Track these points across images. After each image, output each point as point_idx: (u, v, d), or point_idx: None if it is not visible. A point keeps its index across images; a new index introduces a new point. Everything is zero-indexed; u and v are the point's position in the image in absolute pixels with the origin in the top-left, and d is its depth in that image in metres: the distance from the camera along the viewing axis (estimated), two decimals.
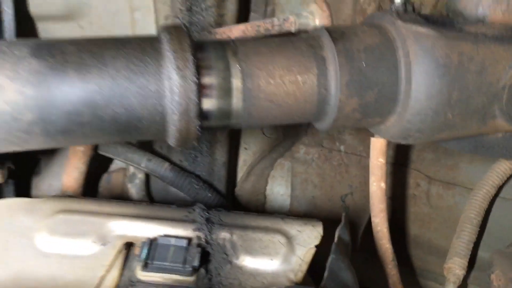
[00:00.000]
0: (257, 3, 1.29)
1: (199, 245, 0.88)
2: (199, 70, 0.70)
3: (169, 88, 0.68)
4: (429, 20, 0.82)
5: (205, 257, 0.88)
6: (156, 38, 0.72)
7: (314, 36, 0.79)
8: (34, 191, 1.20)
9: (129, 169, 1.19)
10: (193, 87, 0.68)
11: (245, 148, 1.35)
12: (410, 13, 0.79)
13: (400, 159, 1.37)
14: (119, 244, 0.88)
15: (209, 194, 1.16)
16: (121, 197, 1.20)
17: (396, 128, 0.80)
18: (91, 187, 1.21)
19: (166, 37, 0.70)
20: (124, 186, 1.22)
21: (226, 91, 0.72)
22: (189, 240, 0.88)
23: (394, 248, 1.15)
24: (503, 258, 0.91)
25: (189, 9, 1.13)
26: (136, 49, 0.70)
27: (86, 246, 0.87)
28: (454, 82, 0.75)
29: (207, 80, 0.72)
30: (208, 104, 0.72)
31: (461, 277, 1.22)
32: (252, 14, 1.29)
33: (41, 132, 0.67)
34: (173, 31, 0.72)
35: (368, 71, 0.75)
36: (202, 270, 0.87)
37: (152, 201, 1.19)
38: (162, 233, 0.90)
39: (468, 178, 1.42)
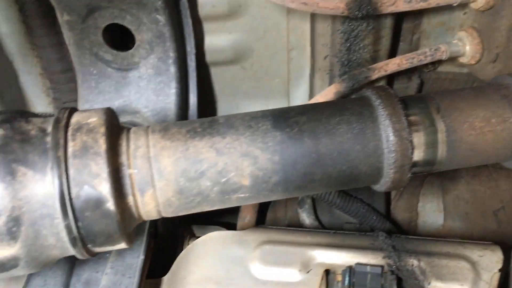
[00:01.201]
0: (404, 32, 1.36)
1: (392, 272, 0.98)
2: (411, 128, 0.80)
3: (387, 147, 0.78)
4: None
5: (398, 283, 0.98)
6: (367, 101, 0.83)
7: (504, 85, 0.86)
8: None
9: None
10: (408, 146, 0.78)
11: None
12: None
13: None
14: (320, 271, 1.01)
15: (374, 217, 1.26)
16: (295, 221, 1.33)
17: None
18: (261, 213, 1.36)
19: (377, 101, 0.81)
20: (288, 209, 1.36)
21: (432, 144, 0.82)
22: (382, 267, 0.99)
23: None
24: None
25: (348, 49, 1.23)
26: (355, 114, 0.81)
27: (293, 274, 1.00)
28: None
29: (417, 135, 0.81)
30: (417, 156, 0.82)
31: None
32: (401, 44, 1.36)
33: (282, 190, 0.80)
34: (383, 94, 0.82)
35: None
36: None
37: (321, 224, 1.31)
38: (354, 261, 1.01)
39: None
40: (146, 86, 1.21)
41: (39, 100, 1.39)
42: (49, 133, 0.72)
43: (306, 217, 1.29)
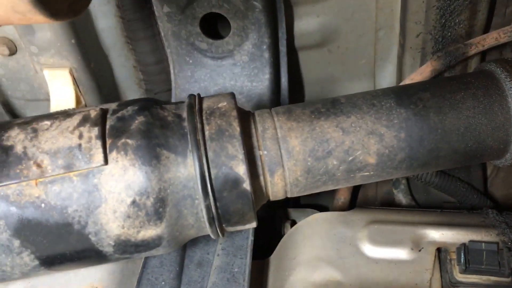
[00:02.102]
0: (498, 5, 1.32)
1: (508, 249, 0.97)
2: None
3: None
4: None
5: None
6: (491, 74, 0.81)
7: None
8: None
9: None
10: None
11: None
12: None
13: None
14: (432, 250, 1.00)
15: (475, 196, 1.24)
16: (387, 202, 1.33)
17: None
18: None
19: (503, 74, 0.79)
20: (379, 190, 1.36)
21: None
22: (497, 244, 0.98)
23: None
24: None
25: (443, 25, 1.20)
26: (480, 87, 0.80)
27: (405, 253, 1.00)
28: None
29: None
30: None
31: None
32: (494, 18, 1.32)
33: (406, 167, 0.81)
34: (508, 67, 0.80)
35: None
36: None
37: (417, 204, 1.30)
38: (467, 239, 1.00)
39: None
40: (241, 73, 1.24)
41: (131, 92, 1.45)
42: (184, 118, 0.75)
43: (402, 197, 1.29)
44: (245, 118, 0.79)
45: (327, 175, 0.79)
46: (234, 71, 1.24)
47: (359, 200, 1.41)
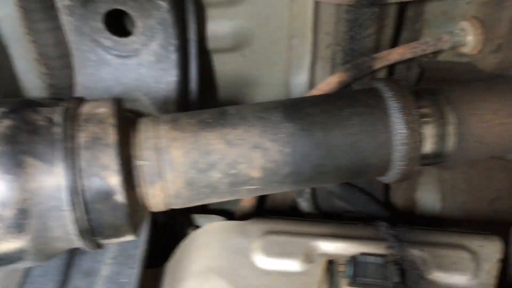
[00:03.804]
0: (407, 21, 1.36)
1: (395, 262, 0.99)
2: (422, 120, 0.80)
3: (398, 140, 0.78)
4: None
5: (401, 273, 0.99)
6: (379, 93, 0.82)
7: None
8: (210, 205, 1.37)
9: None
10: (419, 138, 0.79)
11: None
12: None
13: None
14: (323, 262, 1.01)
15: (373, 206, 1.27)
16: (289, 209, 1.33)
17: None
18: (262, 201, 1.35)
19: (389, 93, 0.80)
20: (287, 198, 1.36)
21: (442, 137, 0.82)
22: (385, 257, 1.00)
23: None
24: None
25: (352, 38, 1.22)
26: (366, 106, 0.80)
27: (296, 264, 1.00)
28: None
29: (427, 127, 0.81)
30: (427, 148, 0.82)
31: None
32: (403, 33, 1.36)
33: (291, 182, 0.80)
34: (395, 86, 0.81)
35: None
36: (401, 285, 0.98)
37: (320, 213, 1.31)
38: (357, 251, 1.02)
39: None
40: (147, 74, 1.19)
41: (34, 86, 1.37)
42: (57, 123, 0.70)
43: (305, 206, 1.30)
44: (126, 126, 0.75)
45: (211, 188, 0.77)
46: (140, 71, 1.19)
47: (267, 206, 1.40)
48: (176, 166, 0.74)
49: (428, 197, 1.43)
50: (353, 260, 0.99)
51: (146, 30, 1.15)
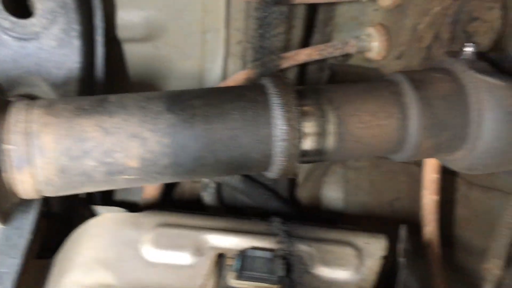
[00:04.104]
0: (318, 24, 1.39)
1: (282, 257, 1.01)
2: (303, 118, 0.81)
3: (279, 136, 0.80)
4: (490, 61, 0.93)
5: (287, 267, 1.01)
6: (263, 88, 0.83)
7: (395, 82, 0.90)
8: (116, 196, 1.34)
9: (203, 179, 1.31)
10: (298, 135, 0.80)
11: None
12: (479, 61, 0.90)
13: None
14: (213, 255, 1.01)
15: (276, 203, 1.29)
16: (193, 203, 1.33)
17: (463, 162, 0.92)
18: (166, 194, 1.34)
19: (273, 90, 0.82)
20: (195, 192, 1.36)
21: (322, 135, 0.84)
22: (273, 251, 1.02)
23: None
24: None
25: (261, 36, 1.23)
26: (250, 101, 0.81)
27: (185, 257, 1.01)
28: None
29: (308, 125, 0.83)
30: (307, 145, 0.84)
31: (498, 277, 1.36)
32: (315, 35, 1.39)
33: (171, 173, 0.80)
34: (279, 84, 0.83)
35: (444, 116, 0.87)
36: (286, 279, 1.00)
37: (224, 208, 1.32)
38: (248, 245, 1.03)
39: (505, 183, 1.54)
40: (47, 58, 1.15)
41: None
42: None
43: (209, 200, 1.30)
44: None
45: (85, 176, 0.75)
46: (40, 55, 1.15)
47: (174, 199, 1.39)
48: (46, 152, 0.72)
49: (332, 195, 1.47)
50: (242, 254, 1.00)
51: (46, 13, 1.11)
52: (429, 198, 1.22)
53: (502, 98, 0.84)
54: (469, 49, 0.90)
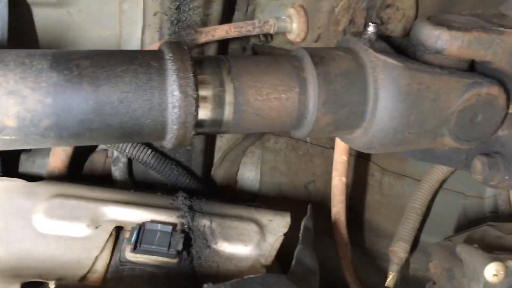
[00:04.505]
0: (240, 2, 1.37)
1: (182, 231, 0.99)
2: (198, 85, 0.79)
3: (172, 102, 0.78)
4: (396, 45, 0.95)
5: (187, 242, 0.99)
6: (160, 54, 0.81)
7: (297, 57, 0.90)
8: (21, 168, 1.27)
9: (114, 153, 1.27)
10: (192, 102, 0.78)
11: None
12: (380, 42, 0.91)
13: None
14: (110, 227, 0.98)
15: (188, 180, 1.27)
16: (104, 178, 1.29)
17: (361, 140, 0.93)
18: (76, 168, 1.29)
19: (169, 56, 0.79)
20: (106, 167, 1.31)
21: (219, 104, 0.83)
22: (174, 226, 1.00)
23: (348, 230, 1.31)
24: (440, 249, 1.07)
25: (178, 8, 1.20)
26: (143, 65, 0.78)
27: (81, 229, 0.97)
28: (413, 107, 0.88)
29: (204, 94, 0.82)
30: (203, 115, 0.82)
31: (404, 259, 1.41)
32: (236, 13, 1.37)
33: (55, 136, 0.76)
34: (176, 49, 0.80)
35: (342, 93, 0.87)
36: (185, 254, 0.99)
37: (134, 184, 1.28)
38: (149, 219, 1.00)
39: (415, 170, 1.61)
40: None
41: None
42: None
43: (118, 175, 1.26)
44: None
45: None
46: None
47: (85, 171, 1.33)
48: None
49: (248, 176, 1.47)
50: (140, 227, 0.97)
51: None
52: (338, 180, 1.24)
53: (397, 78, 0.86)
54: (371, 29, 0.91)
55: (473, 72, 0.94)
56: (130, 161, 1.30)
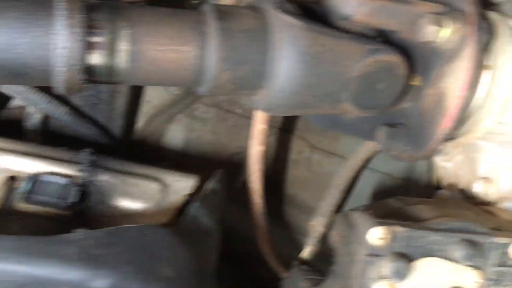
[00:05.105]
0: None
1: (78, 184, 0.97)
2: (90, 29, 0.77)
3: (58, 43, 0.75)
4: (311, 10, 0.94)
5: (84, 195, 0.97)
6: None
7: (202, 12, 0.88)
8: None
9: (28, 109, 1.23)
10: (81, 45, 0.76)
11: (148, 101, 1.44)
12: (290, 4, 0.90)
13: (287, 125, 1.53)
14: (2, 177, 0.95)
15: (104, 140, 1.24)
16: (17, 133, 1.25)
17: (262, 101, 0.92)
18: None
19: None
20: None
21: (112, 51, 0.81)
22: (71, 178, 0.98)
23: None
24: (342, 218, 1.07)
25: None
26: (31, 3, 0.76)
27: None
28: (313, 69, 0.87)
29: (96, 39, 0.79)
30: (94, 60, 0.80)
31: (322, 233, 1.42)
32: None
33: None
34: None
35: (243, 50, 0.86)
36: (79, 206, 0.97)
37: (48, 141, 1.25)
38: (45, 171, 0.98)
39: (346, 150, 1.62)
40: None
41: None
42: None
43: (31, 126, 1.22)
44: None
45: None
46: None
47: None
48: None
49: (174, 143, 1.45)
50: (33, 178, 0.95)
51: None
52: (255, 148, 1.24)
53: (298, 38, 0.85)
54: None
55: (377, 39, 0.94)
56: (46, 116, 1.26)
